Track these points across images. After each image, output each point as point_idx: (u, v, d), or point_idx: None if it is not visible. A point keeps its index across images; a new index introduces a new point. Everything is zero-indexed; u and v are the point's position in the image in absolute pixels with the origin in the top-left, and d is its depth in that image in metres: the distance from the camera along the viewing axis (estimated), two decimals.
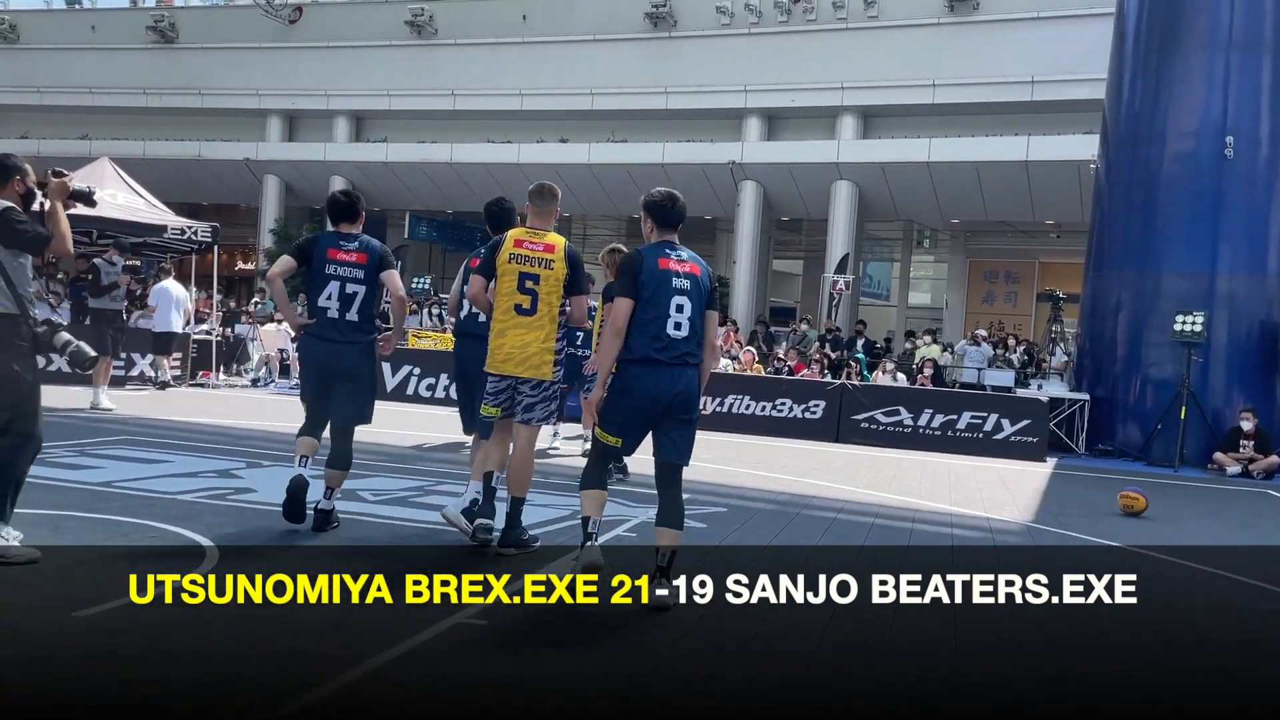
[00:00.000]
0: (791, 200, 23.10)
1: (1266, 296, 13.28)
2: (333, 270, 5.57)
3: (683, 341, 4.45)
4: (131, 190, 14.56)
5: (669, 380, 4.43)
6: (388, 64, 25.46)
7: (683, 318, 4.45)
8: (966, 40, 20.95)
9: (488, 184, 24.62)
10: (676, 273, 4.48)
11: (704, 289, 4.54)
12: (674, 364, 4.43)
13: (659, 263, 4.49)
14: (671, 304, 4.44)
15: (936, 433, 12.84)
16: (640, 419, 4.50)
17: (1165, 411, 12.84)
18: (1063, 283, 19.29)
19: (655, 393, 4.43)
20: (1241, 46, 13.30)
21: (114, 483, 6.48)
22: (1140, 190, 13.76)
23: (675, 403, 4.45)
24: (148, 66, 27.12)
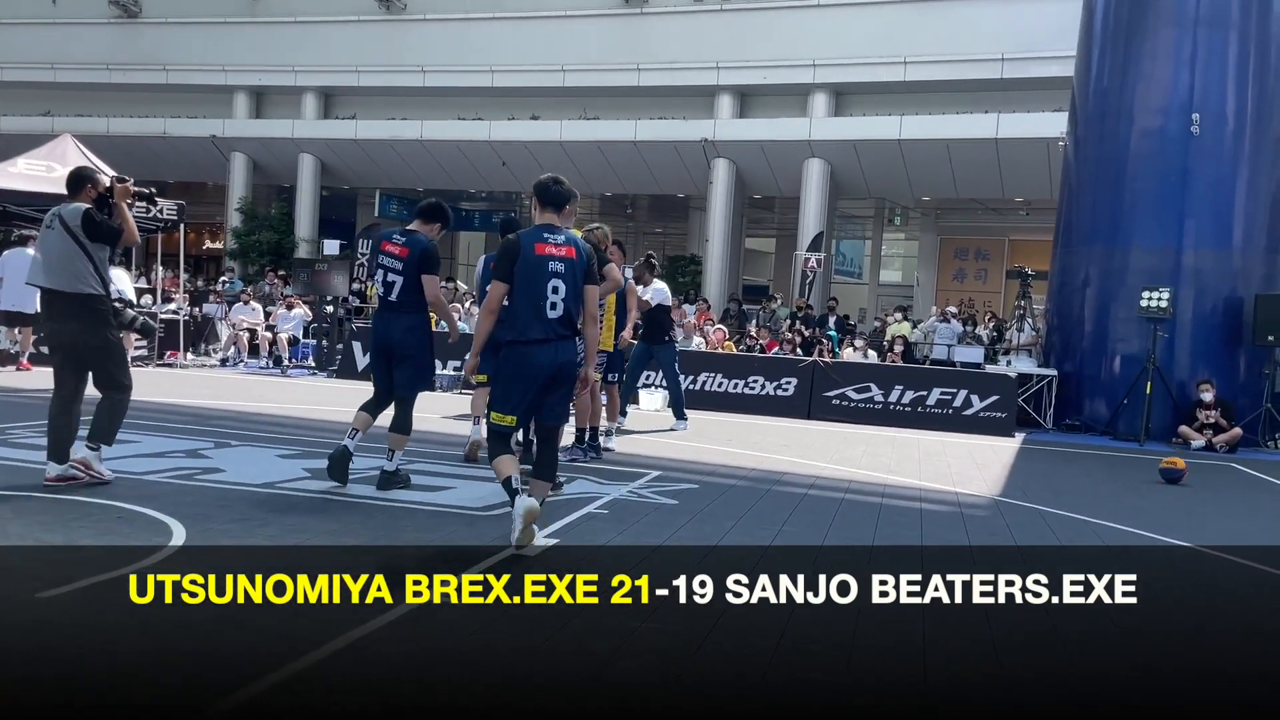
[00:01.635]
0: (764, 178, 23.10)
1: (1231, 271, 13.44)
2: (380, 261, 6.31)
3: (559, 321, 4.86)
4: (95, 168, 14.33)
5: (551, 355, 4.86)
6: (356, 40, 25.15)
7: (558, 298, 4.84)
8: (937, 18, 20.97)
9: (458, 161, 24.47)
10: (552, 256, 4.86)
11: (581, 268, 4.93)
12: (555, 340, 4.86)
13: (535, 248, 4.86)
14: (548, 286, 4.83)
15: (907, 409, 12.94)
16: (529, 395, 4.91)
17: (1131, 386, 13.01)
18: (1032, 260, 19.45)
19: (539, 369, 4.86)
20: (1208, 23, 13.40)
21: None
22: (1108, 167, 13.87)
23: (558, 375, 4.92)
24: (111, 41, 26.64)
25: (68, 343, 5.70)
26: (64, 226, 5.60)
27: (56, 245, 5.61)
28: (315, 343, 16.41)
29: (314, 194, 25.98)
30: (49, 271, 5.67)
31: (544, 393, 4.94)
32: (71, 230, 5.59)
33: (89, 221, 5.60)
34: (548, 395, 4.96)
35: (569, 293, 4.86)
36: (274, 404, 10.82)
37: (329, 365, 15.45)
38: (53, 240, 5.64)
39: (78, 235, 5.58)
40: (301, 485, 6.19)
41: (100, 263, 5.66)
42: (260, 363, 16.26)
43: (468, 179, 25.88)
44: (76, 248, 5.59)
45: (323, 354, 15.97)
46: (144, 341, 14.58)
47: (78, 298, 5.61)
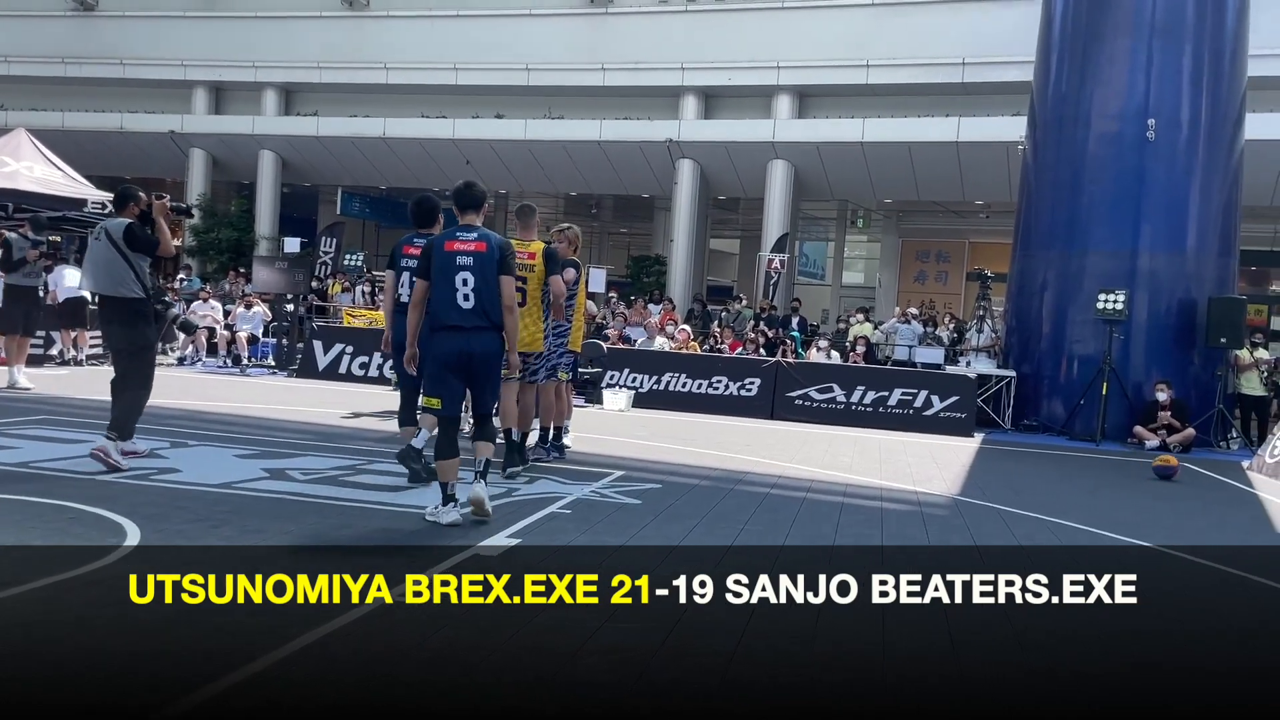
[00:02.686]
0: (728, 179, 23.17)
1: (1185, 274, 13.68)
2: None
3: (472, 311, 5.32)
4: (49, 163, 14.10)
5: (465, 343, 5.34)
6: (319, 35, 24.88)
7: (468, 289, 5.31)
8: (900, 22, 21.15)
9: (421, 159, 24.30)
10: (461, 252, 5.35)
11: (492, 261, 5.37)
12: (470, 330, 5.32)
13: (445, 246, 5.40)
14: (458, 279, 5.31)
15: (869, 409, 13.04)
16: (449, 379, 5.37)
17: (1088, 387, 13.21)
18: (992, 262, 19.67)
19: (456, 355, 5.34)
20: (1164, 32, 13.63)
21: (31, 463, 6.30)
22: (1066, 171, 14.07)
23: (476, 362, 5.38)
24: (67, 35, 26.15)
25: (111, 340, 6.71)
26: (109, 239, 6.42)
27: (103, 255, 6.44)
28: (275, 342, 16.23)
29: (274, 191, 25.68)
30: (96, 278, 6.56)
31: (467, 380, 5.41)
32: (115, 242, 6.40)
33: (130, 234, 6.42)
34: (473, 384, 5.44)
35: (479, 284, 5.32)
36: (232, 403, 10.69)
37: (289, 365, 15.28)
38: (100, 251, 6.47)
39: (120, 246, 6.39)
40: (259, 486, 6.12)
41: (141, 271, 6.45)
42: (219, 362, 16.04)
43: (431, 177, 25.68)
44: (119, 257, 6.39)
45: (283, 353, 15.80)
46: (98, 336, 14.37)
47: (121, 300, 6.44)
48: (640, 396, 13.30)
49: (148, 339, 6.58)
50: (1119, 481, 9.81)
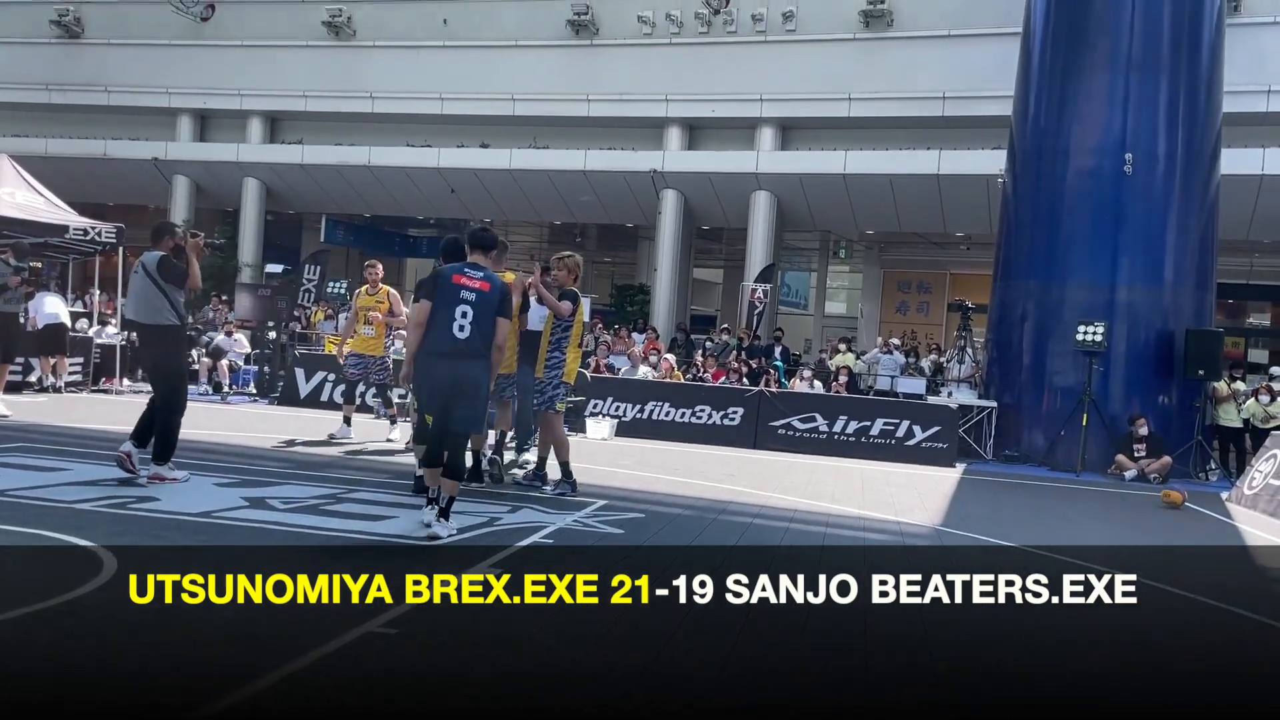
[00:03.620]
0: (712, 209, 23.30)
1: (1163, 307, 13.84)
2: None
3: (464, 342, 5.77)
4: (31, 189, 14.04)
5: (453, 368, 5.77)
6: (304, 64, 24.95)
7: (466, 322, 5.77)
8: (881, 56, 21.41)
9: (406, 187, 24.34)
10: (466, 287, 5.83)
11: (492, 302, 5.86)
12: (459, 356, 5.75)
13: (453, 278, 5.87)
14: (457, 311, 5.77)
15: (851, 439, 13.08)
16: (437, 397, 5.81)
17: (1068, 418, 13.29)
18: (973, 293, 19.83)
19: (443, 378, 5.78)
20: (1140, 68, 13.86)
21: (7, 491, 6.23)
22: (1045, 204, 14.24)
23: (460, 386, 5.78)
24: (51, 61, 26.12)
25: (148, 364, 7.42)
26: (145, 271, 6.88)
27: (140, 286, 6.93)
28: (257, 369, 16.14)
29: (258, 219, 25.64)
30: (136, 308, 7.09)
31: (450, 401, 5.78)
32: (150, 273, 6.85)
33: (163, 265, 6.86)
34: (453, 405, 5.79)
35: (476, 319, 5.79)
36: (213, 431, 10.61)
37: (270, 392, 15.19)
38: (137, 282, 6.97)
39: (155, 277, 6.84)
40: (239, 515, 6.08)
41: (175, 300, 6.88)
42: (200, 389, 15.92)
43: (416, 205, 25.74)
44: (154, 288, 6.84)
45: (264, 381, 15.71)
46: (77, 363, 14.30)
47: (157, 328, 6.95)
48: (623, 425, 13.29)
49: (181, 365, 7.14)
50: (1100, 512, 9.85)
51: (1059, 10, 14.46)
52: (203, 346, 7.43)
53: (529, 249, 30.05)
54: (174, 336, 7.01)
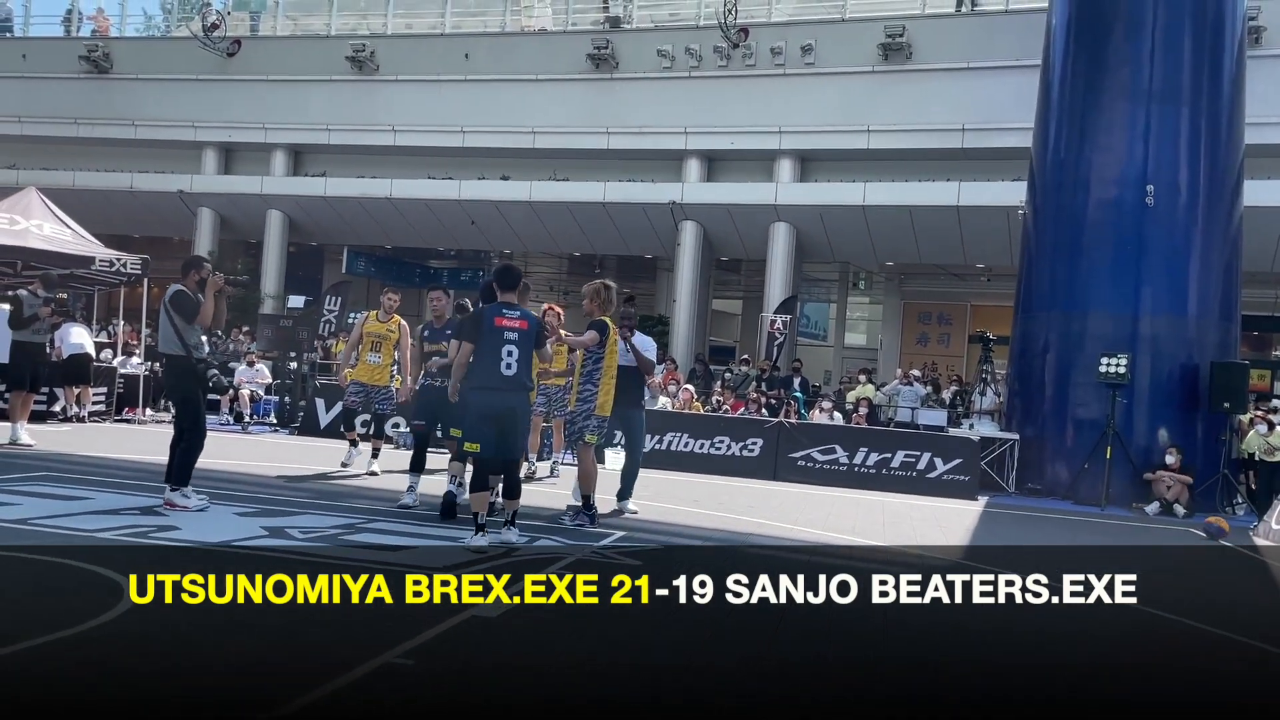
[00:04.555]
0: (731, 241, 23.35)
1: (1187, 338, 13.71)
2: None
3: (512, 378, 6.46)
4: (59, 221, 14.23)
5: (501, 401, 6.42)
6: (327, 98, 25.27)
7: (512, 360, 6.44)
8: (900, 88, 21.47)
9: (427, 220, 24.53)
10: (508, 328, 6.47)
11: (531, 338, 6.55)
12: (507, 390, 6.44)
13: (495, 320, 6.49)
14: (503, 350, 6.42)
15: (871, 471, 12.98)
16: (486, 429, 6.40)
17: (1091, 451, 13.14)
18: (993, 325, 19.73)
19: (493, 410, 6.41)
20: (1161, 98, 13.83)
21: (31, 520, 6.27)
22: (1066, 235, 14.18)
23: (506, 417, 6.45)
24: (80, 96, 26.56)
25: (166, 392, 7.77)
26: (164, 303, 7.20)
27: (162, 317, 7.25)
28: (277, 399, 16.22)
29: (281, 250, 25.89)
30: (159, 338, 7.57)
31: (500, 432, 6.40)
32: (167, 306, 7.15)
33: (175, 299, 7.16)
34: (503, 435, 6.42)
35: (520, 356, 6.45)
36: (234, 461, 10.65)
37: (291, 423, 15.26)
38: (160, 315, 7.28)
39: (168, 309, 7.13)
40: (259, 544, 6.08)
41: (183, 330, 7.13)
42: (220, 419, 16.02)
43: (436, 237, 25.93)
44: (168, 319, 7.14)
45: (285, 411, 15.78)
46: (100, 393, 14.41)
47: (168, 357, 7.32)
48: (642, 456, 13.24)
49: (186, 393, 7.30)
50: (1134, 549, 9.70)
51: (1079, 42, 14.48)
52: (210, 380, 7.46)
53: (548, 280, 30.20)
54: (180, 367, 7.23)
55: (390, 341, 9.95)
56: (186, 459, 7.14)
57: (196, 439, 7.22)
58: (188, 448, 7.16)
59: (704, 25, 22.86)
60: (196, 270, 7.34)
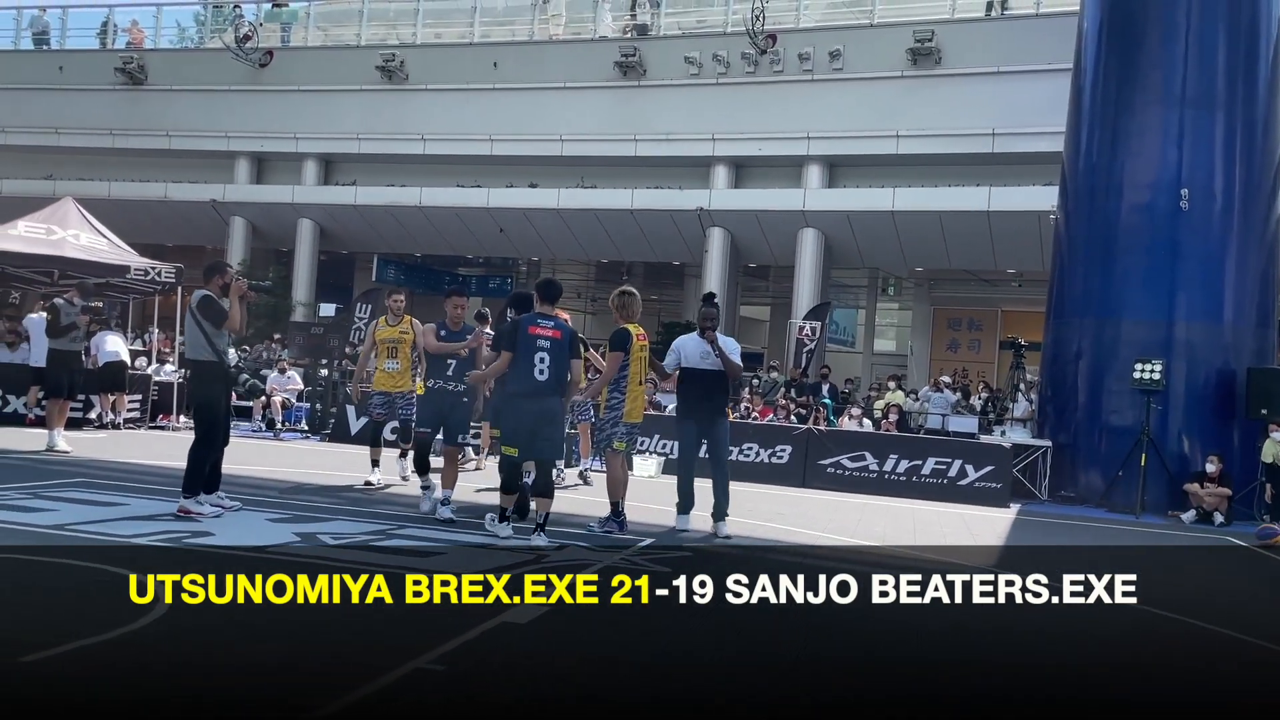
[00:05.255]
0: (759, 247, 23.31)
1: (1223, 345, 13.52)
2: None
3: (545, 383, 6.78)
4: (95, 230, 14.44)
5: (537, 406, 6.78)
6: (358, 108, 25.51)
7: (544, 367, 6.75)
8: (929, 93, 21.37)
9: (456, 227, 24.67)
10: (541, 336, 6.79)
11: (565, 346, 6.85)
12: (540, 396, 6.78)
13: (529, 330, 6.82)
14: (536, 358, 6.73)
15: (901, 478, 12.89)
16: (522, 432, 6.78)
17: (1126, 458, 12.98)
18: (1025, 331, 19.55)
19: (529, 415, 6.77)
20: (1195, 103, 13.67)
21: (67, 525, 6.35)
22: (1099, 240, 14.03)
23: (541, 420, 6.79)
24: (115, 107, 26.97)
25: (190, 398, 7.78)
26: (190, 307, 7.19)
27: (188, 322, 7.25)
28: (309, 406, 16.36)
29: (312, 258, 26.13)
30: (185, 342, 7.66)
31: (534, 434, 6.76)
32: (193, 310, 7.12)
33: (203, 304, 7.12)
34: (537, 437, 6.78)
35: (553, 363, 6.76)
36: (266, 467, 10.76)
37: (322, 429, 15.37)
38: (188, 319, 7.26)
39: (196, 315, 7.09)
40: (292, 549, 6.13)
41: (212, 336, 7.10)
42: (253, 426, 16.18)
43: (465, 245, 26.07)
44: (195, 324, 7.11)
45: (316, 417, 15.91)
46: (135, 400, 14.59)
47: (193, 363, 7.35)
48: (670, 463, 13.21)
49: (208, 397, 7.21)
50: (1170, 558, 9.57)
51: (1111, 45, 14.35)
52: (241, 385, 7.48)
53: (576, 287, 30.25)
54: (209, 373, 7.17)
55: (406, 344, 9.65)
56: (196, 465, 7.04)
57: (210, 445, 7.13)
58: (198, 454, 7.06)
59: (731, 32, 22.86)
60: (220, 275, 7.31)
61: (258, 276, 26.52)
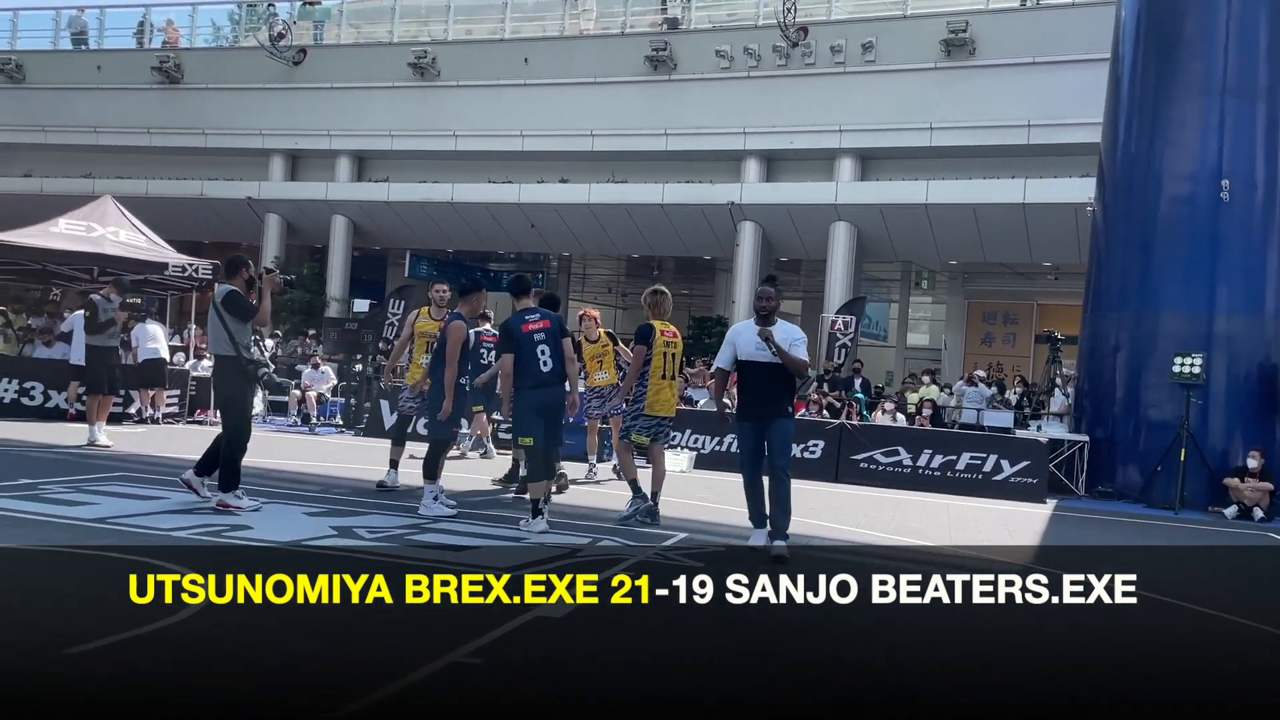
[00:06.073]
0: (790, 241, 23.20)
1: (1264, 338, 13.29)
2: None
3: (551, 372, 7.21)
4: (134, 228, 14.65)
5: (548, 396, 7.23)
6: (390, 105, 25.66)
7: (547, 357, 7.18)
8: (963, 84, 21.15)
9: (488, 223, 24.78)
10: (535, 330, 7.23)
11: (556, 332, 7.29)
12: (549, 385, 7.22)
13: (522, 328, 7.23)
14: (538, 350, 7.17)
15: (936, 473, 12.79)
16: (537, 421, 7.15)
17: (1165, 453, 12.80)
18: (1061, 324, 19.33)
19: (541, 405, 7.20)
20: (1236, 92, 13.43)
21: (108, 519, 6.45)
22: (1137, 233, 13.83)
23: (553, 409, 7.28)
24: (152, 106, 27.32)
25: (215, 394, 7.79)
26: (213, 303, 7.22)
27: (212, 317, 7.24)
28: (343, 401, 16.50)
29: (345, 254, 26.35)
30: (209, 338, 7.59)
31: (548, 423, 7.20)
32: (217, 306, 7.14)
33: (228, 300, 7.15)
34: (551, 426, 7.24)
35: (553, 352, 7.20)
36: (302, 462, 10.86)
37: (356, 424, 15.50)
38: (211, 314, 7.27)
39: (220, 310, 7.10)
40: (329, 543, 6.18)
41: (236, 331, 7.10)
42: (288, 420, 16.35)
43: (497, 240, 26.18)
44: (219, 320, 7.10)
45: (350, 412, 16.04)
46: (174, 395, 14.78)
47: (218, 358, 7.28)
48: (702, 458, 13.22)
49: (233, 392, 7.22)
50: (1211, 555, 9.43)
51: (1149, 34, 14.13)
52: (262, 378, 7.63)
53: (607, 282, 30.29)
54: (232, 368, 7.14)
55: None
56: (231, 460, 7.11)
57: (239, 441, 7.17)
58: (231, 450, 7.12)
59: (763, 25, 22.75)
60: (244, 269, 7.34)
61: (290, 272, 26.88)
